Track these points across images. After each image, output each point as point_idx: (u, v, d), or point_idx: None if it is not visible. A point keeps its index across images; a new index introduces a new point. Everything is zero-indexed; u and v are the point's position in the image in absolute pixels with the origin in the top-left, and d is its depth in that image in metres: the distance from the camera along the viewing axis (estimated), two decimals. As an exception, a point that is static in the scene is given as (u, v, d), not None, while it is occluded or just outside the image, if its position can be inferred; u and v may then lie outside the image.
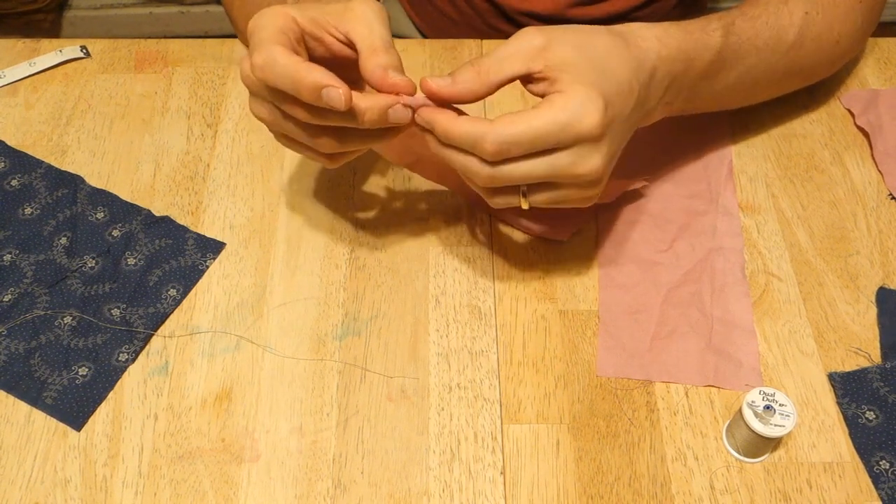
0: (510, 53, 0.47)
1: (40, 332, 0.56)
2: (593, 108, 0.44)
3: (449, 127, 0.46)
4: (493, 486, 0.51)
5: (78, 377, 0.55)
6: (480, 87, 0.47)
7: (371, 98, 0.46)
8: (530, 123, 0.44)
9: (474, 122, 0.45)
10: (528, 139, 0.44)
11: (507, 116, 0.45)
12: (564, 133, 0.44)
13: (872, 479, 0.52)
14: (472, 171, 0.47)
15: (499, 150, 0.44)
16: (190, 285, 0.59)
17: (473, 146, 0.45)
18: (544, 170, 0.46)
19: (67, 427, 0.53)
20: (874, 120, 0.69)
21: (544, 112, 0.45)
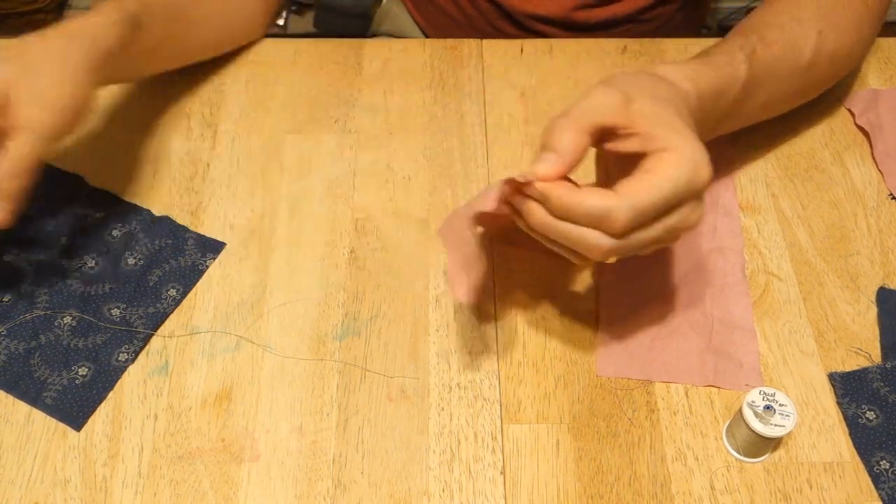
0: (594, 105, 0.45)
1: (40, 332, 0.56)
2: (704, 159, 0.44)
3: (570, 201, 0.43)
4: (493, 486, 0.51)
5: (78, 377, 0.55)
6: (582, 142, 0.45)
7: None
8: (660, 188, 0.43)
9: (599, 195, 0.43)
10: (658, 205, 0.43)
11: (629, 185, 0.43)
12: (687, 191, 0.43)
13: (872, 479, 0.52)
14: (590, 245, 0.44)
15: (631, 224, 0.43)
16: (190, 285, 0.59)
17: (600, 221, 0.43)
18: (661, 232, 0.45)
19: (67, 427, 0.53)
20: (874, 120, 0.69)
21: (666, 173, 0.43)
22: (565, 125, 0.44)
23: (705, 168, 0.44)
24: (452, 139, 0.68)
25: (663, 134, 0.44)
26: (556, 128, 0.45)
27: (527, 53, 0.74)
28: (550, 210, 0.44)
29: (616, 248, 0.44)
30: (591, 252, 0.45)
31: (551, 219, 0.45)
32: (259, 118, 0.69)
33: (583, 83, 0.72)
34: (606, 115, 0.44)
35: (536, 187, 0.44)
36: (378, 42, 0.75)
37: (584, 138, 0.45)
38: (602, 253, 0.44)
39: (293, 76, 0.72)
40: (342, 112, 0.70)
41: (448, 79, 0.72)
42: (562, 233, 0.45)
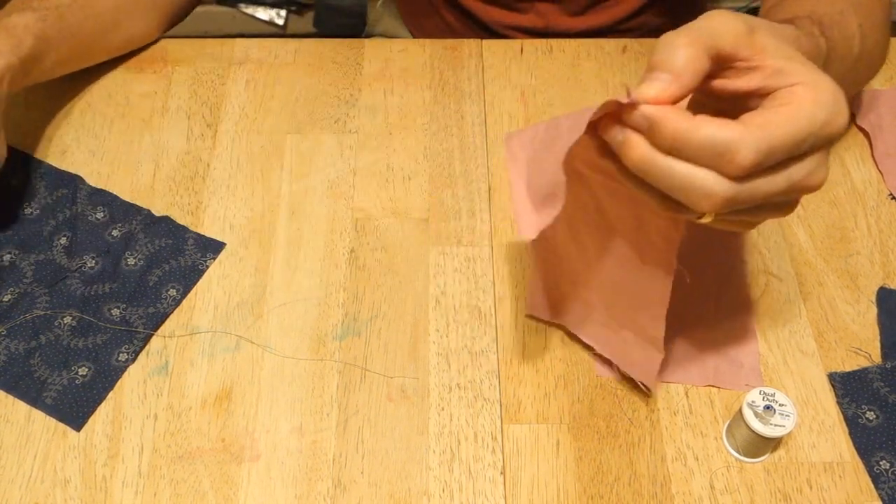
0: (717, 28, 0.38)
1: (40, 333, 0.56)
2: (843, 102, 0.37)
3: (684, 129, 0.36)
4: (493, 486, 0.51)
5: (78, 377, 0.55)
6: (702, 63, 0.37)
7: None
8: (796, 124, 0.36)
9: (723, 125, 0.36)
10: (790, 145, 0.36)
11: (759, 116, 0.36)
12: (822, 134, 0.37)
13: (873, 479, 0.52)
14: (703, 189, 0.37)
15: (757, 161, 0.36)
16: (190, 285, 0.59)
17: (720, 156, 0.36)
18: (783, 184, 0.38)
19: (67, 427, 0.53)
20: (874, 120, 0.69)
21: (802, 108, 0.36)
22: (683, 41, 0.37)
23: (845, 111, 0.37)
24: (452, 139, 0.68)
25: (796, 68, 0.37)
26: (672, 44, 0.37)
27: (527, 53, 0.74)
28: (658, 142, 0.37)
29: (733, 196, 0.37)
30: (702, 201, 0.37)
31: (657, 154, 0.37)
32: (259, 118, 0.69)
33: (583, 83, 0.72)
34: (728, 38, 0.37)
35: (643, 111, 0.37)
36: (378, 42, 0.75)
37: (704, 59, 0.37)
38: (714, 202, 0.37)
39: (293, 76, 0.72)
40: (342, 112, 0.70)
41: (448, 79, 0.72)
42: (668, 173, 0.37)
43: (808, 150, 0.37)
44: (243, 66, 0.73)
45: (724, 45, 0.37)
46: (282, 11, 1.55)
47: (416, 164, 0.67)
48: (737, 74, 0.38)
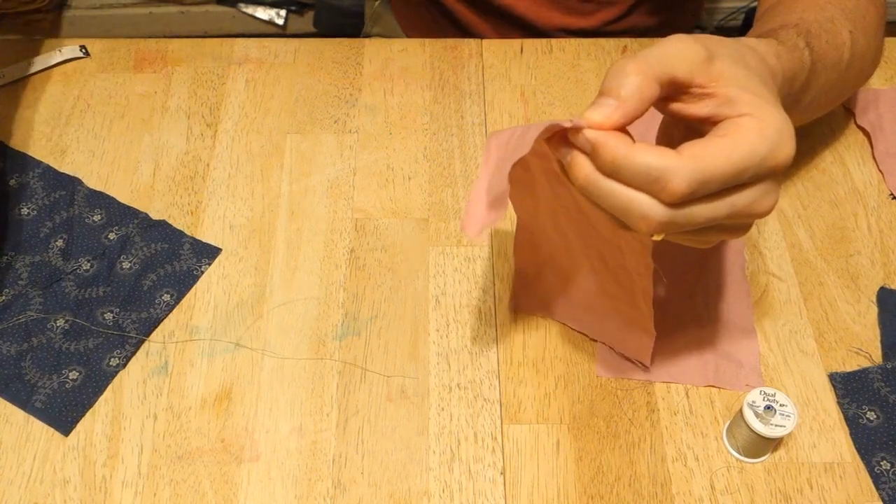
0: (672, 54, 0.38)
1: (32, 335, 0.56)
2: (789, 135, 0.38)
3: (623, 155, 0.37)
4: (493, 486, 0.51)
5: (68, 381, 0.54)
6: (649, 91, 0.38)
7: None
8: (733, 156, 0.36)
9: (657, 153, 0.37)
10: (726, 176, 0.37)
11: (696, 147, 0.37)
12: (765, 166, 0.37)
13: (873, 480, 0.52)
14: (639, 213, 0.38)
15: (689, 191, 0.36)
16: (184, 291, 0.59)
17: (654, 183, 0.37)
18: (725, 211, 0.38)
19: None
20: (875, 120, 0.69)
21: (742, 141, 0.37)
22: (633, 68, 0.38)
23: (790, 144, 0.38)
24: (452, 139, 0.68)
25: (747, 98, 0.38)
26: (621, 70, 0.38)
27: (527, 53, 0.74)
28: (599, 165, 0.38)
29: (668, 222, 0.38)
30: (639, 222, 0.38)
31: (598, 176, 0.38)
32: (259, 118, 0.69)
33: (583, 83, 0.72)
34: (684, 66, 0.38)
35: (586, 136, 0.38)
36: (378, 42, 0.75)
37: (653, 87, 0.38)
38: (650, 224, 0.38)
39: (293, 76, 0.72)
40: (342, 112, 0.70)
41: (448, 79, 0.72)
42: (608, 194, 0.38)
43: (750, 180, 0.38)
44: (243, 66, 0.73)
45: (677, 71, 0.38)
46: (282, 11, 1.55)
47: (416, 164, 0.66)
48: (692, 100, 0.39)
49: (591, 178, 0.39)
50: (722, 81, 0.38)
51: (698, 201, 0.38)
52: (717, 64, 0.38)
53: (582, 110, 0.70)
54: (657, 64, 0.38)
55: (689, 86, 0.39)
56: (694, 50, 0.38)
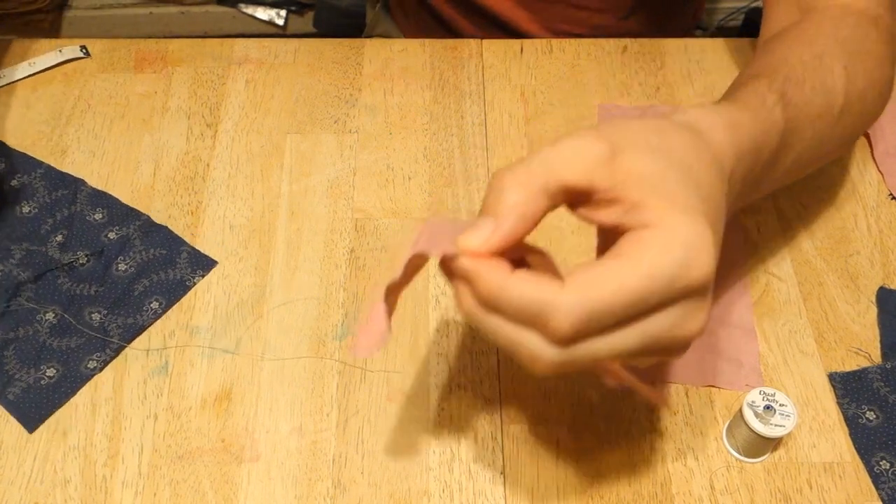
0: (563, 157, 0.33)
1: (20, 325, 0.56)
2: (704, 249, 0.31)
3: (498, 288, 0.32)
4: (493, 486, 0.51)
5: (44, 378, 0.54)
6: (534, 206, 0.32)
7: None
8: (622, 283, 0.31)
9: (536, 286, 0.31)
10: (619, 306, 0.31)
11: (583, 272, 0.31)
12: (672, 288, 0.31)
13: (873, 480, 0.52)
14: (527, 354, 0.32)
15: (576, 328, 0.31)
16: (173, 300, 0.58)
17: (534, 320, 0.31)
18: (636, 341, 0.32)
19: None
20: (874, 120, 0.69)
21: (639, 262, 0.31)
22: (511, 180, 0.32)
23: (702, 262, 0.31)
24: (452, 139, 0.68)
25: (654, 204, 0.32)
26: (499, 186, 0.33)
27: (527, 53, 0.74)
28: (477, 298, 0.33)
29: (562, 362, 0.32)
30: (529, 364, 0.33)
31: (478, 308, 0.33)
32: (259, 118, 0.69)
33: (583, 83, 0.72)
34: (577, 170, 0.32)
35: (460, 265, 0.33)
36: (378, 42, 0.75)
37: (539, 201, 0.33)
38: (542, 367, 0.32)
39: (293, 76, 0.72)
40: (342, 112, 0.70)
41: (448, 79, 0.72)
42: (492, 330, 0.33)
43: (660, 305, 0.32)
44: (243, 66, 0.73)
45: (570, 178, 0.32)
46: (282, 11, 1.55)
47: (416, 164, 0.67)
48: (598, 206, 0.33)
49: (473, 313, 0.33)
50: (629, 183, 0.32)
51: (596, 335, 0.32)
52: (624, 161, 0.33)
53: (582, 111, 0.70)
54: (543, 172, 0.32)
55: (590, 191, 0.33)
56: (591, 150, 0.33)
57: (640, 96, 0.71)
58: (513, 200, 0.32)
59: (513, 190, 0.32)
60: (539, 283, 0.31)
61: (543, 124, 0.69)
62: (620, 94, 0.71)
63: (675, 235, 0.31)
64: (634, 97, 0.71)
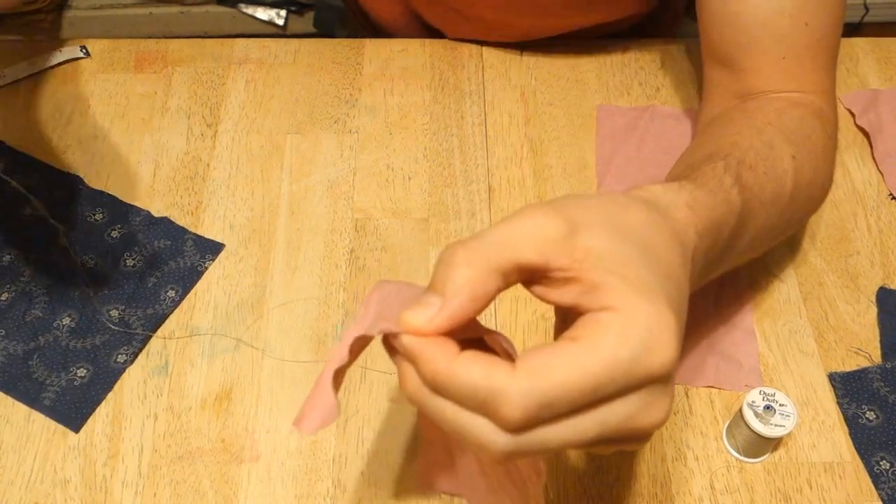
0: (518, 234, 0.31)
1: (39, 334, 0.56)
2: (666, 333, 0.30)
3: (444, 371, 0.30)
4: (493, 486, 0.51)
5: (76, 378, 0.55)
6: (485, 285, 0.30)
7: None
8: (577, 369, 0.29)
9: (484, 370, 0.29)
10: (574, 394, 0.29)
11: (536, 356, 0.29)
12: (630, 375, 0.29)
13: (873, 480, 0.52)
14: (476, 441, 0.30)
15: (526, 416, 0.29)
16: (189, 286, 0.59)
17: (483, 406, 0.29)
18: (592, 431, 0.30)
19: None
20: (874, 120, 0.69)
21: (595, 347, 0.29)
22: (462, 257, 0.30)
23: (663, 348, 0.29)
24: (452, 139, 0.68)
25: (613, 285, 0.30)
26: (449, 260, 0.31)
27: (527, 53, 0.74)
28: (422, 378, 0.31)
29: (515, 451, 0.30)
30: (479, 451, 0.31)
31: (423, 389, 0.31)
32: (259, 118, 0.69)
33: (583, 83, 0.72)
34: (533, 248, 0.31)
35: (403, 343, 0.31)
36: (378, 42, 0.75)
37: (491, 280, 0.31)
38: (492, 454, 0.30)
39: (293, 76, 0.72)
40: (342, 112, 0.70)
41: (448, 79, 0.72)
42: (437, 414, 0.31)
43: (619, 392, 0.30)
44: (243, 66, 0.73)
45: (525, 256, 0.31)
46: (282, 11, 1.55)
47: (416, 164, 0.67)
48: (554, 285, 0.32)
49: (419, 395, 0.31)
50: (587, 262, 0.30)
51: (550, 423, 0.30)
52: (583, 239, 0.31)
53: (582, 111, 0.70)
54: (495, 250, 0.30)
55: (546, 270, 0.31)
56: (548, 226, 0.31)
57: (640, 96, 0.71)
58: (463, 278, 0.30)
59: (463, 267, 0.30)
60: (488, 367, 0.29)
61: (543, 124, 0.69)
62: (620, 94, 0.71)
63: (635, 320, 0.29)
64: (634, 97, 0.71)
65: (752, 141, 0.49)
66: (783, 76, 0.55)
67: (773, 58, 0.55)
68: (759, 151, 0.48)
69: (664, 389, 0.31)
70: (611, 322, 0.29)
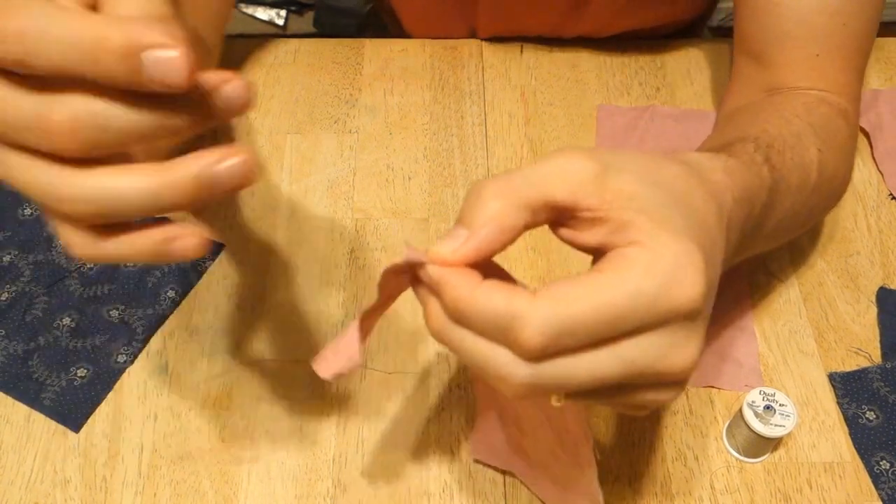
0: (550, 173, 0.31)
1: (39, 334, 0.56)
2: (693, 269, 0.29)
3: (466, 297, 0.30)
4: (493, 486, 0.51)
5: (76, 378, 0.55)
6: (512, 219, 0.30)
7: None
8: (598, 298, 0.28)
9: (506, 295, 0.29)
10: (596, 321, 0.28)
11: (557, 286, 0.29)
12: (653, 309, 0.29)
13: (873, 480, 0.52)
14: (496, 372, 0.30)
15: (545, 343, 0.28)
16: (188, 287, 0.59)
17: (504, 332, 0.29)
18: (615, 368, 0.30)
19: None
20: (874, 120, 0.69)
21: (620, 278, 0.29)
22: (490, 192, 0.31)
23: (690, 283, 0.29)
24: (452, 139, 0.68)
25: (642, 223, 0.30)
26: (477, 195, 0.31)
27: (527, 53, 0.74)
28: (445, 309, 0.31)
29: (534, 383, 0.29)
30: (498, 384, 0.30)
31: (446, 322, 0.31)
32: (259, 118, 0.69)
33: (583, 83, 0.72)
34: (564, 187, 0.30)
35: (428, 273, 0.31)
36: (378, 42, 0.75)
37: (519, 215, 0.31)
38: (511, 387, 0.30)
39: (293, 76, 0.72)
40: (342, 112, 0.70)
41: (448, 79, 0.72)
42: (459, 347, 0.31)
43: (640, 328, 0.29)
44: (243, 66, 0.73)
45: (555, 194, 0.30)
46: (282, 11, 1.55)
47: (416, 164, 0.67)
48: (582, 226, 0.31)
49: (440, 326, 0.31)
50: (616, 203, 0.30)
51: (570, 353, 0.29)
52: (613, 181, 0.31)
53: (582, 111, 0.70)
54: (526, 186, 0.31)
55: (575, 209, 0.31)
56: (579, 167, 0.31)
57: (640, 96, 0.71)
58: (491, 210, 0.30)
59: (492, 199, 0.30)
60: (509, 294, 0.29)
61: (543, 124, 0.69)
62: (620, 94, 0.71)
63: (662, 254, 0.29)
64: (634, 97, 0.71)
65: (780, 129, 0.49)
66: (814, 74, 0.55)
67: (806, 54, 0.55)
68: (786, 140, 0.48)
69: (692, 330, 0.30)
70: (637, 256, 0.29)
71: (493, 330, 0.29)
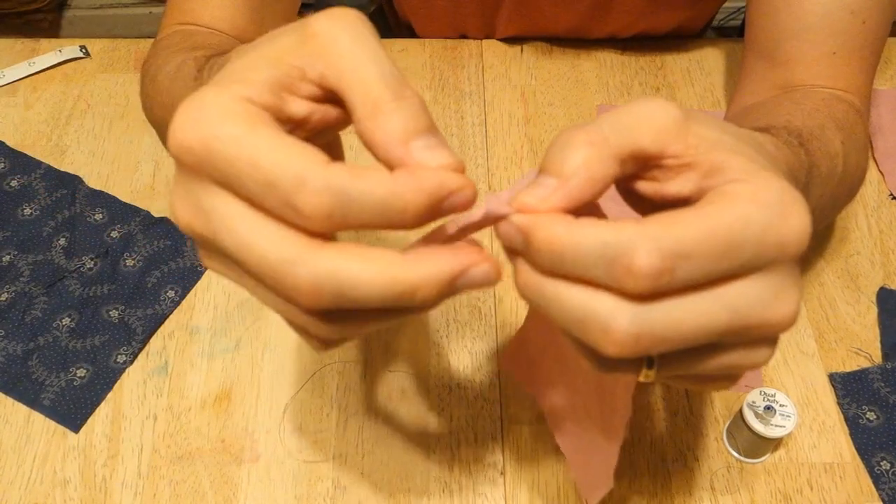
0: (635, 120, 0.29)
1: (38, 334, 0.56)
2: (799, 205, 0.27)
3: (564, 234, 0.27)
4: (493, 486, 0.51)
5: (76, 379, 0.55)
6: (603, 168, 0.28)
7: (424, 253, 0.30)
8: (710, 222, 0.26)
9: (610, 224, 0.27)
10: (707, 248, 0.26)
11: (664, 214, 0.27)
12: (764, 242, 0.27)
13: (873, 480, 0.52)
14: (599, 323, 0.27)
15: (660, 267, 0.26)
16: (188, 287, 0.59)
17: (612, 265, 0.26)
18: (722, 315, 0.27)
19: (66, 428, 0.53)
20: (874, 120, 0.69)
21: (729, 206, 0.27)
22: (581, 139, 0.28)
23: (800, 217, 0.27)
24: (452, 139, 0.68)
25: (738, 162, 0.28)
26: (566, 142, 0.29)
27: (527, 53, 0.74)
28: (536, 260, 0.28)
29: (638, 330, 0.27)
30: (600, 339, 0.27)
31: (541, 279, 0.28)
32: (259, 118, 0.69)
33: (583, 83, 0.72)
34: (651, 134, 0.29)
35: (513, 222, 0.28)
36: (378, 42, 0.75)
37: (608, 164, 0.28)
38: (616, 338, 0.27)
39: (293, 76, 0.72)
40: (342, 112, 0.70)
41: (448, 79, 0.72)
42: (555, 301, 0.28)
43: (749, 266, 0.27)
44: (243, 66, 0.73)
45: (643, 141, 0.28)
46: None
47: (416, 164, 0.66)
48: (667, 175, 0.29)
49: (532, 283, 0.28)
50: (703, 147, 0.29)
51: (679, 294, 0.27)
52: (696, 127, 0.29)
53: (582, 111, 0.70)
54: (614, 133, 0.28)
55: (661, 157, 0.29)
56: (664, 112, 0.29)
57: (640, 97, 0.71)
58: (582, 158, 0.28)
59: (582, 148, 0.28)
60: (614, 223, 0.26)
61: (543, 124, 0.69)
62: (620, 94, 0.71)
63: (767, 188, 0.27)
64: (634, 97, 0.71)
65: (804, 121, 0.48)
66: (830, 72, 0.54)
67: (823, 51, 0.54)
68: (812, 131, 0.47)
69: (795, 277, 0.28)
70: (742, 189, 0.27)
71: (599, 264, 0.26)
